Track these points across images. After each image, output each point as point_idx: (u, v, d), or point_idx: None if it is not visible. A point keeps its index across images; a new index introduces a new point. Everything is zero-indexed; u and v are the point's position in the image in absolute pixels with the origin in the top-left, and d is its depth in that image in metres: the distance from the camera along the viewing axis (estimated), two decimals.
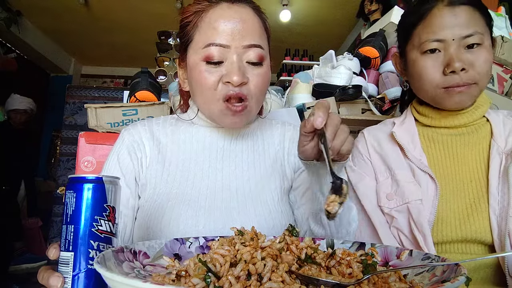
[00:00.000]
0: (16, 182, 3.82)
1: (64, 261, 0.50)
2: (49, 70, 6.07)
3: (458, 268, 0.46)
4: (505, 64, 1.39)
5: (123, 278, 0.39)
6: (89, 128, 1.37)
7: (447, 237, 0.87)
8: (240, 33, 0.78)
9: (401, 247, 0.59)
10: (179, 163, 0.86)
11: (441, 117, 0.95)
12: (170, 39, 3.75)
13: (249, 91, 0.80)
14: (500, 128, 0.93)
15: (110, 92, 3.25)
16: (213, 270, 0.46)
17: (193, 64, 0.82)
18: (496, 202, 0.85)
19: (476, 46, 0.86)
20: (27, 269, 3.51)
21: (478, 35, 0.86)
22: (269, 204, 0.83)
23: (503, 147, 0.90)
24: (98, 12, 4.70)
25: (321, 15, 4.70)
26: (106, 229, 0.52)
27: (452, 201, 0.89)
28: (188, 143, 0.89)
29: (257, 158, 0.90)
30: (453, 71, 0.85)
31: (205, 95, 0.81)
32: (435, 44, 0.87)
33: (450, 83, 0.87)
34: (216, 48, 0.78)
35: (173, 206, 0.80)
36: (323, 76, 1.61)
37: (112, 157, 0.86)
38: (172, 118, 0.95)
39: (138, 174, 0.86)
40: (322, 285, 0.44)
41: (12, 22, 4.50)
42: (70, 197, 0.52)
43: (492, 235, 0.84)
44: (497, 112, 0.98)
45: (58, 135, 5.02)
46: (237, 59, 0.78)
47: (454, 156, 0.93)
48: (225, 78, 0.78)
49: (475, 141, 0.93)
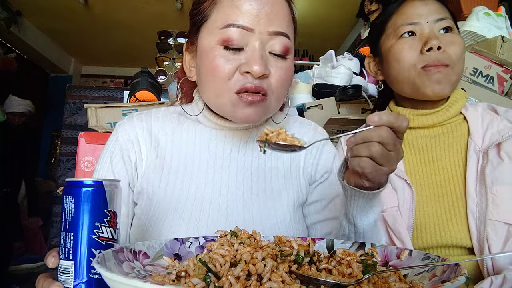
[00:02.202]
0: (16, 182, 3.82)
1: (64, 270, 0.48)
2: (49, 70, 6.06)
3: (458, 268, 0.45)
4: (505, 64, 1.39)
5: (123, 278, 0.39)
6: (89, 128, 1.37)
7: (427, 243, 0.86)
8: (267, 16, 0.66)
9: (401, 247, 0.59)
10: (180, 170, 0.75)
11: (416, 116, 0.94)
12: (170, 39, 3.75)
13: (269, 86, 0.68)
14: (478, 124, 0.90)
15: (110, 92, 3.24)
16: (213, 270, 0.46)
17: (206, 47, 0.69)
18: (474, 205, 0.83)
19: (450, 31, 0.89)
20: (27, 269, 3.51)
21: (449, 20, 0.89)
22: (279, 226, 0.73)
23: (480, 145, 0.87)
24: (98, 12, 4.69)
25: (321, 15, 4.70)
26: (107, 235, 0.50)
27: (429, 206, 0.88)
28: (191, 146, 0.77)
29: (268, 168, 0.78)
30: (430, 48, 0.86)
31: (217, 86, 0.68)
32: (411, 27, 0.90)
33: (427, 61, 0.87)
34: (237, 30, 0.66)
35: (171, 223, 0.71)
36: (323, 76, 1.61)
37: (105, 159, 0.77)
38: (173, 113, 0.82)
39: (133, 181, 0.76)
40: (322, 285, 0.44)
41: (12, 22, 4.49)
42: (68, 203, 0.49)
43: (471, 239, 0.82)
44: (475, 106, 0.95)
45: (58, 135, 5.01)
46: (259, 46, 0.66)
47: (430, 160, 0.92)
48: (243, 67, 0.66)
49: (451, 142, 0.92)
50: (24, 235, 3.85)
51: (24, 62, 5.29)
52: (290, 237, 0.58)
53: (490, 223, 0.79)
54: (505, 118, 0.89)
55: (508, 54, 1.45)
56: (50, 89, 6.00)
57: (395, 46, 0.91)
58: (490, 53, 1.41)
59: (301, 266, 0.50)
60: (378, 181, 0.60)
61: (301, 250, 0.52)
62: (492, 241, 0.79)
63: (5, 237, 3.39)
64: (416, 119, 0.94)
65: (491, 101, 1.30)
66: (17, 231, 3.70)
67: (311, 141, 0.80)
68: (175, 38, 3.74)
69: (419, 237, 0.87)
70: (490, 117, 0.90)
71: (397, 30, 0.91)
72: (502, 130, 0.86)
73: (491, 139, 0.86)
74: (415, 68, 0.88)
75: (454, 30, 0.91)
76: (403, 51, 0.90)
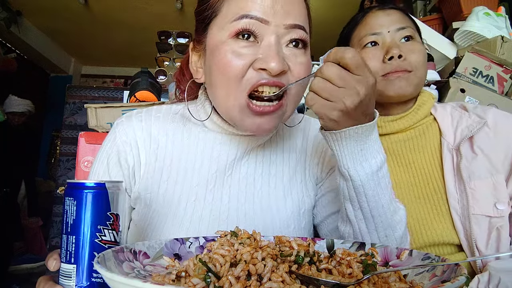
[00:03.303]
0: (16, 182, 3.82)
1: (65, 274, 0.48)
2: (49, 70, 6.06)
3: (458, 268, 0.45)
4: (505, 64, 1.39)
5: (123, 278, 0.38)
6: (89, 128, 1.37)
7: (415, 244, 0.88)
8: (283, 8, 0.61)
9: (401, 247, 0.59)
10: (180, 174, 0.71)
11: (387, 123, 0.97)
12: (170, 39, 3.75)
13: (287, 83, 0.63)
14: (448, 123, 0.93)
15: (110, 92, 3.24)
16: (213, 270, 0.46)
17: (216, 42, 0.63)
18: (456, 201, 0.86)
19: (411, 39, 0.93)
20: (27, 269, 3.51)
21: (410, 29, 0.93)
22: (283, 233, 0.68)
23: (453, 143, 0.90)
24: (98, 12, 4.69)
25: (321, 15, 4.70)
26: (110, 238, 0.49)
27: (412, 208, 0.89)
28: (193, 149, 0.73)
29: (273, 174, 0.75)
30: (391, 57, 0.90)
31: (228, 85, 0.62)
32: (373, 37, 0.94)
33: (388, 70, 0.90)
34: (251, 21, 0.60)
35: (169, 230, 0.69)
36: None
37: (101, 160, 0.72)
38: (175, 113, 0.76)
39: (130, 186, 0.72)
40: (322, 285, 0.44)
41: (12, 22, 4.49)
42: (70, 205, 0.48)
43: (458, 235, 0.84)
44: (444, 105, 0.98)
45: (58, 135, 5.02)
46: (275, 40, 0.61)
47: (407, 163, 0.94)
48: (258, 63, 0.60)
49: (424, 143, 0.95)
50: (24, 235, 3.85)
51: (24, 62, 5.29)
52: (290, 237, 0.58)
53: (473, 218, 0.82)
54: (474, 113, 0.91)
55: (508, 54, 1.45)
56: (50, 89, 6.00)
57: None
58: (490, 53, 1.41)
59: (301, 266, 0.50)
60: (328, 118, 0.56)
61: (301, 250, 0.52)
62: (476, 234, 0.81)
63: (5, 237, 3.39)
64: (388, 125, 0.97)
65: (491, 101, 1.30)
66: (17, 231, 3.71)
67: (314, 145, 0.80)
68: (175, 38, 3.74)
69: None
70: (459, 114, 0.93)
71: (360, 40, 0.96)
72: (471, 125, 0.89)
73: (461, 135, 0.89)
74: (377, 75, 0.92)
75: (416, 39, 0.94)
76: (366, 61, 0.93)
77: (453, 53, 1.69)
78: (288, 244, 0.55)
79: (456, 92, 1.32)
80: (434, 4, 2.19)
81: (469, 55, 1.41)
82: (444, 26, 2.05)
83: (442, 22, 2.07)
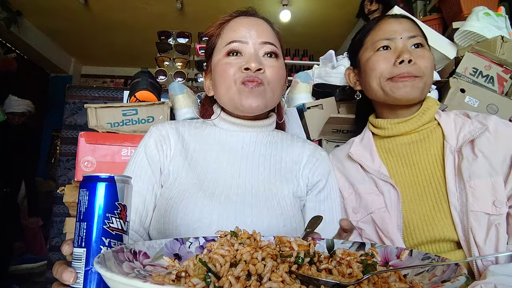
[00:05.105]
0: (16, 182, 3.82)
1: (77, 257, 0.52)
2: (49, 70, 6.07)
3: (458, 268, 0.46)
4: (505, 64, 1.39)
5: (123, 278, 0.39)
6: (89, 128, 1.37)
7: (417, 240, 0.93)
8: (256, 33, 0.94)
9: (400, 247, 0.59)
10: (200, 159, 0.94)
11: (393, 125, 1.03)
12: (170, 39, 3.76)
13: (264, 77, 0.91)
14: (451, 128, 0.99)
15: (110, 92, 3.23)
16: (213, 270, 0.46)
17: (216, 62, 0.95)
18: (455, 199, 0.91)
19: (420, 47, 1.00)
20: (27, 269, 3.51)
21: (420, 37, 1.01)
22: (281, 206, 0.88)
23: (455, 145, 0.96)
24: (98, 12, 4.70)
25: (321, 15, 4.70)
26: (117, 226, 0.54)
27: (415, 205, 0.96)
28: (210, 143, 0.98)
29: (273, 164, 0.97)
30: (402, 61, 0.96)
31: (226, 83, 0.91)
32: (386, 42, 1.01)
33: (396, 73, 0.97)
34: (236, 44, 0.93)
35: (191, 194, 0.86)
36: (323, 76, 1.61)
37: (140, 149, 0.95)
38: (197, 122, 1.05)
39: (163, 165, 0.94)
40: (322, 285, 0.44)
41: (12, 22, 4.50)
42: (83, 195, 0.53)
43: (457, 231, 0.89)
44: (448, 113, 1.05)
45: (58, 135, 5.02)
46: (254, 51, 0.92)
47: (411, 164, 1.01)
48: (244, 66, 0.89)
49: (428, 146, 1.01)
50: (24, 235, 3.85)
51: (24, 62, 5.29)
52: (290, 238, 0.58)
53: (472, 214, 0.86)
54: (476, 120, 0.98)
55: (508, 54, 1.45)
56: (50, 89, 6.00)
57: (372, 58, 1.02)
58: (490, 53, 1.41)
59: (301, 266, 0.50)
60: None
61: (301, 251, 0.52)
62: (476, 230, 0.85)
63: (5, 237, 3.39)
64: (394, 127, 1.04)
65: (491, 101, 1.31)
66: (17, 231, 3.70)
67: (310, 156, 0.99)
68: (175, 38, 3.75)
69: (409, 234, 0.95)
70: (462, 121, 0.99)
71: (374, 44, 1.03)
72: (473, 130, 0.95)
73: (464, 138, 0.95)
74: (385, 78, 1.00)
75: (425, 46, 1.02)
76: (378, 62, 1.01)
77: (453, 53, 1.69)
78: (288, 245, 0.55)
79: (456, 92, 1.32)
80: (434, 4, 2.19)
81: (469, 55, 1.41)
82: (444, 26, 2.06)
83: (442, 22, 2.07)
